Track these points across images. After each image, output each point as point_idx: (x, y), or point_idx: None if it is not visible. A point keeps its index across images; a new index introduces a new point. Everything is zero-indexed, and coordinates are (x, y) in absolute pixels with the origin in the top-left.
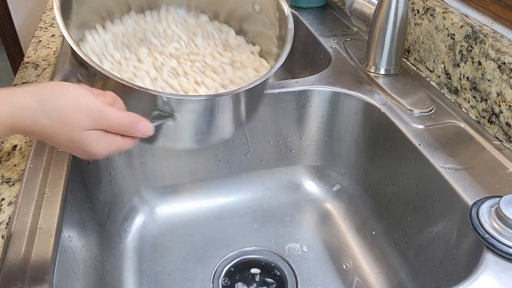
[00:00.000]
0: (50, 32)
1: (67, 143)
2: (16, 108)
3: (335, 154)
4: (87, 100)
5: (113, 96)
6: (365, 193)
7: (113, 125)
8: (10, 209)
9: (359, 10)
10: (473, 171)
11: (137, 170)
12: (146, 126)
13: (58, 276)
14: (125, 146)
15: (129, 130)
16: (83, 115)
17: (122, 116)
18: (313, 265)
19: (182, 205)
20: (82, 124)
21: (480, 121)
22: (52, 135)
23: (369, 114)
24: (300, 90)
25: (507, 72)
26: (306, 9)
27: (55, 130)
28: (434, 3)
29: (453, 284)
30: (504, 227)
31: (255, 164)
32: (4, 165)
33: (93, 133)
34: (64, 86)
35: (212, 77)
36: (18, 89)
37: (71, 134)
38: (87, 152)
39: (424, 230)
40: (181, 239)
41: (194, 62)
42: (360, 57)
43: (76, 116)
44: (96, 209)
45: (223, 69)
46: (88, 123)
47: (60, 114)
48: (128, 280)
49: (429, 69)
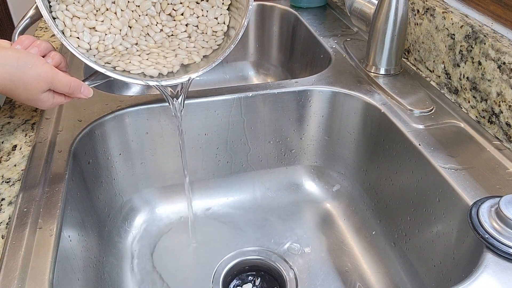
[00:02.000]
0: (50, 32)
1: (26, 100)
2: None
3: (335, 154)
4: (44, 71)
5: (59, 57)
6: (365, 193)
7: (63, 88)
8: (10, 209)
9: (359, 10)
10: (473, 171)
11: (137, 170)
12: (87, 89)
13: (58, 276)
14: (66, 101)
15: (74, 92)
16: (42, 83)
17: (69, 80)
18: (313, 265)
19: (182, 205)
20: (40, 89)
21: (480, 121)
22: (15, 96)
23: (369, 114)
24: (300, 90)
25: (507, 72)
26: (306, 9)
27: (19, 93)
28: (434, 3)
29: (453, 284)
30: (504, 227)
31: (255, 164)
32: (4, 165)
33: (46, 94)
34: (29, 59)
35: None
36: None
37: (31, 95)
38: (39, 106)
39: (424, 230)
40: (181, 239)
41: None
42: (360, 57)
43: (37, 84)
44: (96, 209)
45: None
46: (44, 87)
47: (25, 82)
48: (128, 280)
49: (429, 69)
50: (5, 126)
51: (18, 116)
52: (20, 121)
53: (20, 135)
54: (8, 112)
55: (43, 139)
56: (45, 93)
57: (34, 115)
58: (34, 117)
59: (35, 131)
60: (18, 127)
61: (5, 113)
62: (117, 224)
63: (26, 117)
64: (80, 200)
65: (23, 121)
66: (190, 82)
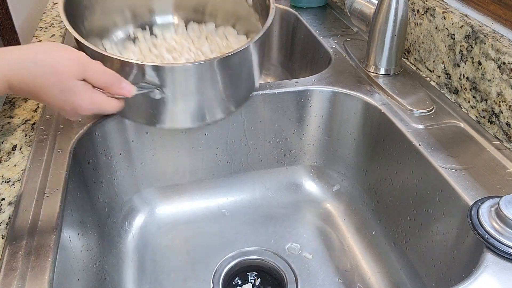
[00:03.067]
0: (50, 32)
1: (58, 92)
2: (13, 63)
3: (335, 154)
4: (76, 54)
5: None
6: (365, 193)
7: (100, 76)
8: (10, 209)
9: (359, 10)
10: (473, 171)
11: (137, 170)
12: (129, 85)
13: (58, 276)
14: (108, 105)
15: (114, 84)
16: (74, 64)
17: (107, 70)
18: (313, 265)
19: (182, 205)
20: (72, 72)
21: (480, 121)
22: (45, 86)
23: (369, 114)
24: (300, 90)
25: (507, 72)
26: (306, 9)
27: (48, 80)
28: (434, 3)
29: (453, 284)
30: (504, 227)
31: (255, 164)
32: (4, 165)
33: (81, 83)
34: (55, 43)
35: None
36: (13, 47)
37: (62, 83)
38: (74, 103)
39: (424, 230)
40: (181, 239)
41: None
42: (360, 57)
43: (68, 65)
44: (96, 209)
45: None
46: (77, 71)
47: (53, 64)
48: (128, 280)
49: (429, 69)
50: (5, 126)
51: (18, 116)
52: (20, 121)
53: (20, 135)
54: (8, 112)
55: (43, 139)
56: (80, 82)
57: (34, 115)
58: (34, 117)
59: (35, 131)
60: (18, 127)
61: (5, 113)
62: (117, 224)
63: (26, 117)
64: (80, 200)
65: (23, 121)
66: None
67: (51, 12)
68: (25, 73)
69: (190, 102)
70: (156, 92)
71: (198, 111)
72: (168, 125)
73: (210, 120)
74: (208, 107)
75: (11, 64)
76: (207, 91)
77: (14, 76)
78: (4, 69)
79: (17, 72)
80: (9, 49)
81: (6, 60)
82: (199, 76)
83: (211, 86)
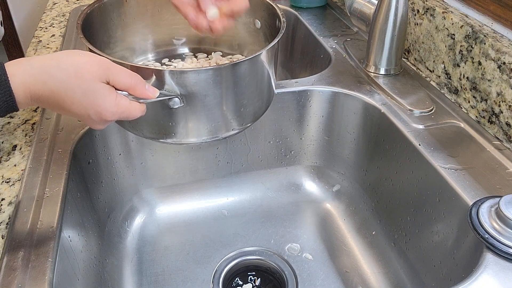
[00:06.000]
0: (50, 32)
1: (82, 95)
2: (34, 69)
3: (335, 154)
4: (99, 57)
5: None
6: (365, 193)
7: (124, 78)
8: (10, 209)
9: (359, 10)
10: (473, 171)
11: (137, 170)
12: (153, 87)
13: (58, 276)
14: (133, 108)
15: (138, 86)
16: (96, 66)
17: (131, 73)
18: (313, 265)
19: (182, 205)
20: (95, 73)
21: (480, 121)
22: (68, 90)
23: (369, 114)
24: (300, 90)
25: (507, 72)
26: (306, 9)
27: (71, 83)
28: (434, 3)
29: (453, 284)
30: (504, 227)
31: (255, 164)
32: (4, 165)
33: (105, 86)
34: (77, 50)
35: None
36: (35, 56)
37: (85, 85)
38: (99, 106)
39: (424, 230)
40: (181, 239)
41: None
42: (360, 57)
43: (90, 67)
44: (96, 209)
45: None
46: (101, 73)
47: (76, 67)
48: (128, 280)
49: (429, 69)
50: (5, 126)
51: (18, 116)
52: (20, 121)
53: (20, 135)
54: None
55: (43, 139)
56: (104, 84)
57: (34, 115)
58: (34, 117)
59: (35, 131)
60: (18, 127)
61: None
62: (117, 224)
63: (26, 117)
64: (80, 200)
65: (23, 121)
66: None
67: (51, 12)
68: (47, 78)
69: (210, 112)
70: (176, 101)
71: (216, 122)
72: (179, 138)
73: (225, 134)
74: (226, 119)
75: (32, 70)
76: (228, 98)
77: (35, 82)
78: (25, 76)
79: (39, 77)
80: (30, 57)
81: (28, 66)
82: (221, 80)
83: (232, 93)
